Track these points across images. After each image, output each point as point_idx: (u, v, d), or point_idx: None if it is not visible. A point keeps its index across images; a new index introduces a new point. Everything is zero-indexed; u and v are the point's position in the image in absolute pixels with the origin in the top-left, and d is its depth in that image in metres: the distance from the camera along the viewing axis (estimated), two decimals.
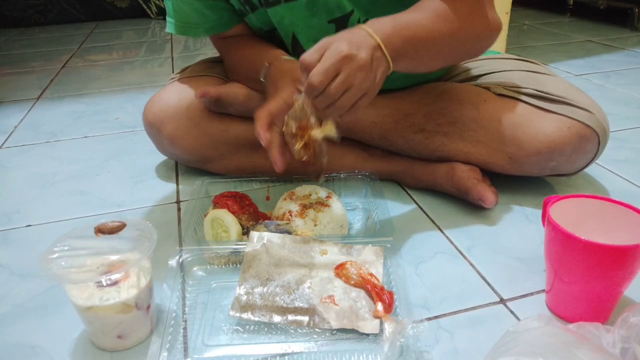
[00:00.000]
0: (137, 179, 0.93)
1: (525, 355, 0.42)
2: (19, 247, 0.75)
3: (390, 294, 0.56)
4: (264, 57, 0.76)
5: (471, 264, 0.67)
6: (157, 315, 0.59)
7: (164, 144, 0.87)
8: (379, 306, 0.54)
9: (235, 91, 0.80)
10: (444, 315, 0.59)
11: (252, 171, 0.86)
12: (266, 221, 0.67)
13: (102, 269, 0.54)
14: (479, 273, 0.66)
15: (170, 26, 0.83)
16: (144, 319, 0.55)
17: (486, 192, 0.75)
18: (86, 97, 1.42)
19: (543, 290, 0.61)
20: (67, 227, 0.79)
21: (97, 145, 1.09)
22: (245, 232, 0.66)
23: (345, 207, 0.73)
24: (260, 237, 0.62)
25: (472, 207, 0.79)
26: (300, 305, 0.56)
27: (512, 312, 0.59)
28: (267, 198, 0.80)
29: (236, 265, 0.66)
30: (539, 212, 0.77)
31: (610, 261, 0.50)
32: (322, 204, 0.69)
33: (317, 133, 0.60)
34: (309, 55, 0.55)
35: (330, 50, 0.54)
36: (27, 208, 0.85)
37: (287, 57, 0.74)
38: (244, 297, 0.57)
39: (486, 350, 0.47)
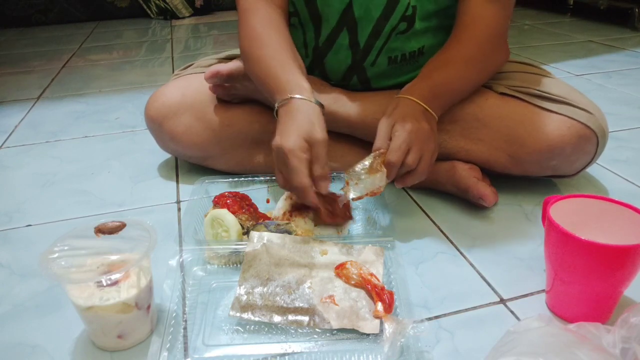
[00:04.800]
0: (137, 179, 0.93)
1: (525, 356, 0.42)
2: (19, 247, 0.75)
3: (391, 294, 0.56)
4: (288, 76, 0.68)
5: (471, 264, 0.67)
6: (157, 315, 0.59)
7: (164, 140, 0.87)
8: (379, 306, 0.54)
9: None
10: (444, 315, 0.59)
11: (252, 167, 0.86)
12: (266, 221, 0.67)
13: (102, 269, 0.54)
14: (479, 273, 0.66)
15: None
16: (144, 319, 0.55)
17: (486, 191, 0.75)
18: (86, 96, 1.42)
19: (543, 290, 0.61)
20: (67, 227, 0.79)
21: (97, 145, 1.09)
22: (245, 232, 0.66)
23: None
24: (260, 237, 0.62)
25: (472, 207, 0.79)
26: (301, 305, 0.56)
27: (512, 312, 0.59)
28: (267, 201, 0.80)
29: (236, 265, 0.66)
30: (539, 212, 0.77)
31: (610, 261, 0.50)
32: None
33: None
34: (380, 141, 0.66)
35: (398, 130, 0.65)
36: (27, 208, 0.85)
37: (312, 100, 0.66)
38: (244, 297, 0.57)
39: (486, 350, 0.47)
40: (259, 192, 0.81)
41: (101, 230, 0.57)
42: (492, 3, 0.73)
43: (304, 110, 0.64)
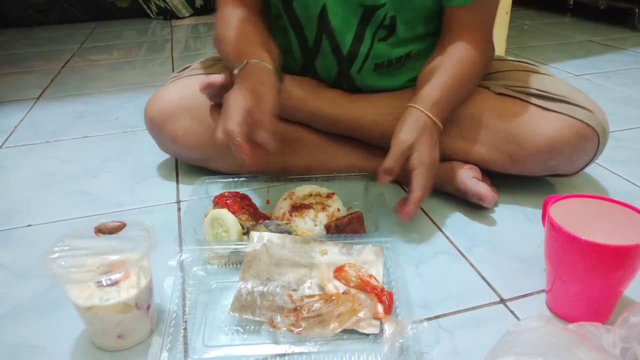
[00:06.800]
0: (137, 179, 0.93)
1: (525, 355, 0.42)
2: (19, 247, 0.75)
3: (390, 295, 0.56)
4: (249, 48, 0.73)
5: (471, 264, 0.67)
6: (157, 315, 0.59)
7: (165, 142, 0.87)
8: (379, 307, 0.54)
9: None
10: (444, 315, 0.59)
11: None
12: (266, 221, 0.67)
13: (102, 269, 0.54)
14: (479, 273, 0.66)
15: None
16: (144, 319, 0.55)
17: (486, 191, 0.75)
18: (86, 97, 1.42)
19: (543, 290, 0.61)
20: (67, 227, 0.79)
21: (97, 145, 1.09)
22: (245, 232, 0.66)
23: (345, 207, 0.73)
24: (261, 237, 0.62)
25: (472, 207, 0.79)
26: None
27: (512, 312, 0.59)
28: (267, 202, 0.80)
29: (236, 265, 0.66)
30: (539, 212, 0.77)
31: (610, 261, 0.50)
32: (322, 204, 0.69)
33: None
34: (391, 162, 0.68)
35: (419, 168, 0.67)
36: (27, 208, 0.85)
37: (268, 65, 0.70)
38: (244, 297, 0.57)
39: (486, 350, 0.47)
40: (259, 192, 0.81)
41: (101, 231, 0.57)
42: (478, 4, 0.73)
43: (255, 72, 0.68)
